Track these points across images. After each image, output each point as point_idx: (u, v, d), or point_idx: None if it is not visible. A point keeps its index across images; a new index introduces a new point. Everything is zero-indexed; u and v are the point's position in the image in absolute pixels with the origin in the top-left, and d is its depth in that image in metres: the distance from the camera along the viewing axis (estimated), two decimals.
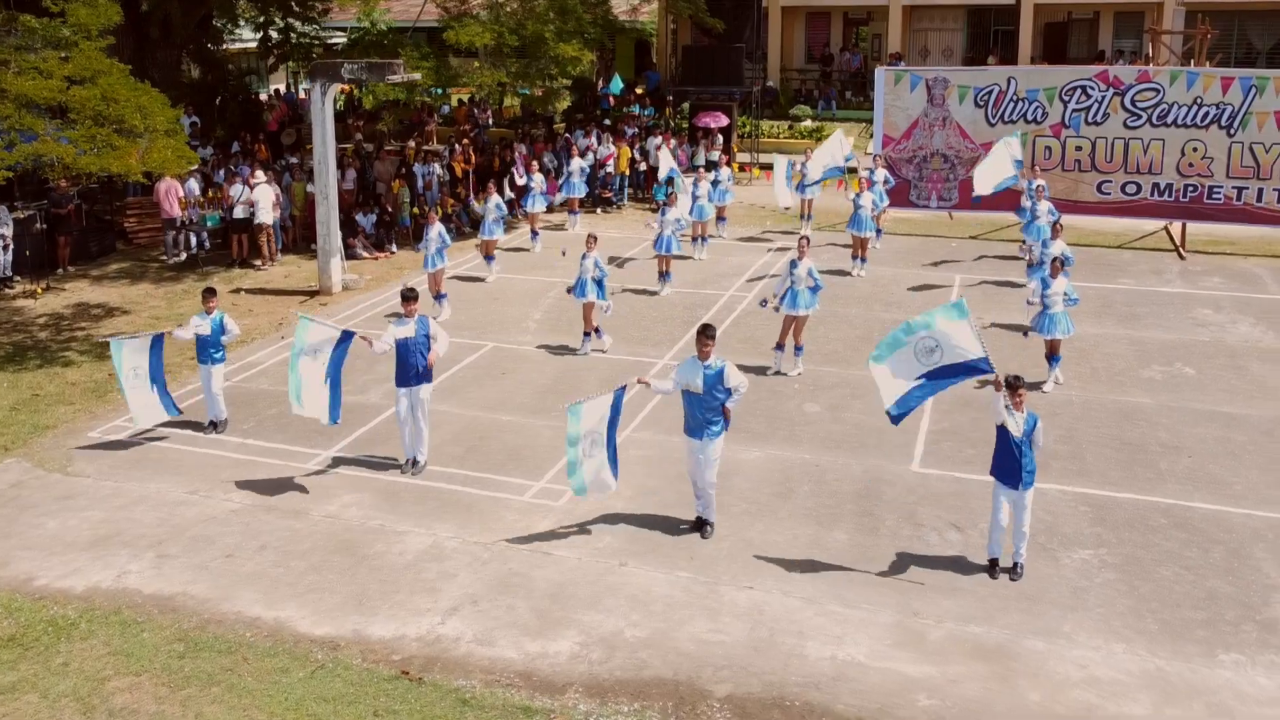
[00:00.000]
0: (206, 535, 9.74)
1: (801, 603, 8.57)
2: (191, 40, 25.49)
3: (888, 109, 21.06)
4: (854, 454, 11.34)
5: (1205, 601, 8.53)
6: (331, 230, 17.79)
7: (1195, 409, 12.52)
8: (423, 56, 21.37)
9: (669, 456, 11.14)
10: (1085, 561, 9.15)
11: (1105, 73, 20.14)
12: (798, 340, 13.73)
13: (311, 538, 9.67)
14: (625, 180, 24.95)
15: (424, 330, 10.71)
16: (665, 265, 17.52)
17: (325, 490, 10.60)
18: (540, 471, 10.96)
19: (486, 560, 9.25)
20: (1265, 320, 15.84)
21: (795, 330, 13.66)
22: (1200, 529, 9.68)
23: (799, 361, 13.79)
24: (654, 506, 10.21)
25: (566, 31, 22.18)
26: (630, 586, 8.83)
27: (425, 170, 22.42)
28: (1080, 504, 10.19)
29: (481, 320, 16.18)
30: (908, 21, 33.14)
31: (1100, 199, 20.24)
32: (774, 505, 10.22)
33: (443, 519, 9.98)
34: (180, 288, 18.34)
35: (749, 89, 28.80)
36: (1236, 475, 10.79)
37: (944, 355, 9.19)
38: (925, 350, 9.22)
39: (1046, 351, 13.27)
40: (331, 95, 17.76)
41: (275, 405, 12.82)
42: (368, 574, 9.06)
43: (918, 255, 19.94)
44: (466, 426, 12.11)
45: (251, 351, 14.93)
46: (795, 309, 13.50)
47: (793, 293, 13.47)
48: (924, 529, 9.75)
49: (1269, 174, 19.22)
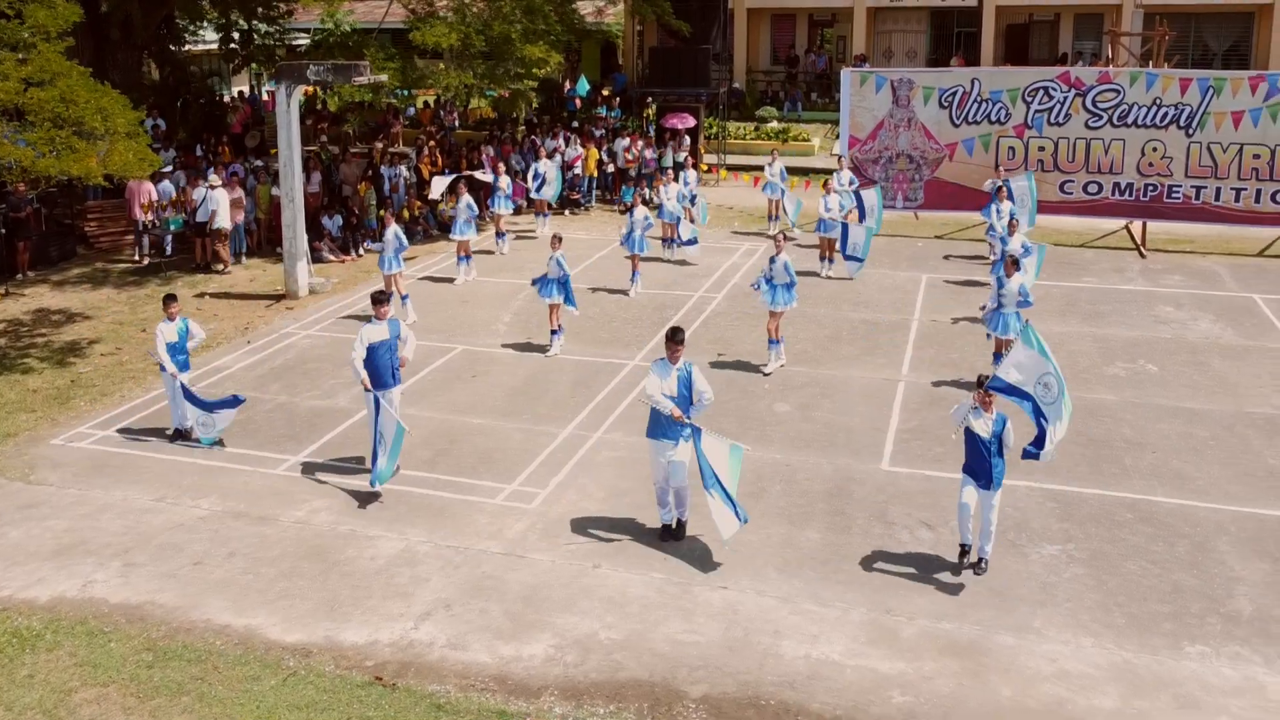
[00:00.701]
0: (174, 543, 9.61)
1: (776, 602, 8.60)
2: (153, 41, 25.14)
3: (853, 110, 21.22)
4: (824, 453, 11.40)
5: (1171, 595, 8.66)
6: (297, 234, 17.62)
7: (1158, 405, 12.71)
8: (388, 58, 21.23)
9: (641, 458, 11.11)
10: (1054, 557, 9.26)
11: (1067, 74, 20.43)
12: (775, 334, 13.92)
13: (281, 544, 9.57)
14: (593, 182, 24.94)
15: (395, 332, 10.65)
16: (635, 264, 17.57)
17: (295, 496, 10.50)
18: (512, 474, 10.93)
19: (459, 564, 9.20)
20: (1224, 317, 16.12)
21: (774, 325, 13.89)
22: (1165, 523, 9.83)
23: (780, 353, 13.98)
24: (627, 508, 10.20)
25: (534, 32, 22.14)
26: (605, 588, 8.82)
27: (392, 172, 22.28)
28: (1048, 500, 10.31)
29: (450, 323, 16.10)
30: (872, 23, 33.39)
31: (1063, 198, 20.51)
32: (747, 505, 10.17)
33: (414, 523, 9.91)
34: (143, 292, 18.09)
35: (715, 90, 28.90)
36: (1200, 470, 10.97)
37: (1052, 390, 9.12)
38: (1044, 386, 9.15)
39: (996, 349, 13.37)
40: (297, 97, 17.59)
41: (241, 411, 12.64)
42: (339, 580, 8.98)
43: (884, 255, 20.06)
44: (436, 430, 12.04)
45: (217, 357, 14.75)
46: (774, 305, 13.70)
47: (771, 288, 13.65)
48: (895, 527, 9.82)
49: (1226, 173, 19.57)
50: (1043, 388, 9.10)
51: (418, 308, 16.62)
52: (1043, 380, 9.09)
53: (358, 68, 17.16)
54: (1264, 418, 12.28)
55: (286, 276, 17.76)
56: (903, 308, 16.75)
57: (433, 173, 21.97)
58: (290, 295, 17.59)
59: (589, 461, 11.24)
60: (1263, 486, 10.57)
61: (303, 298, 17.58)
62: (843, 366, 14.05)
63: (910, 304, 16.95)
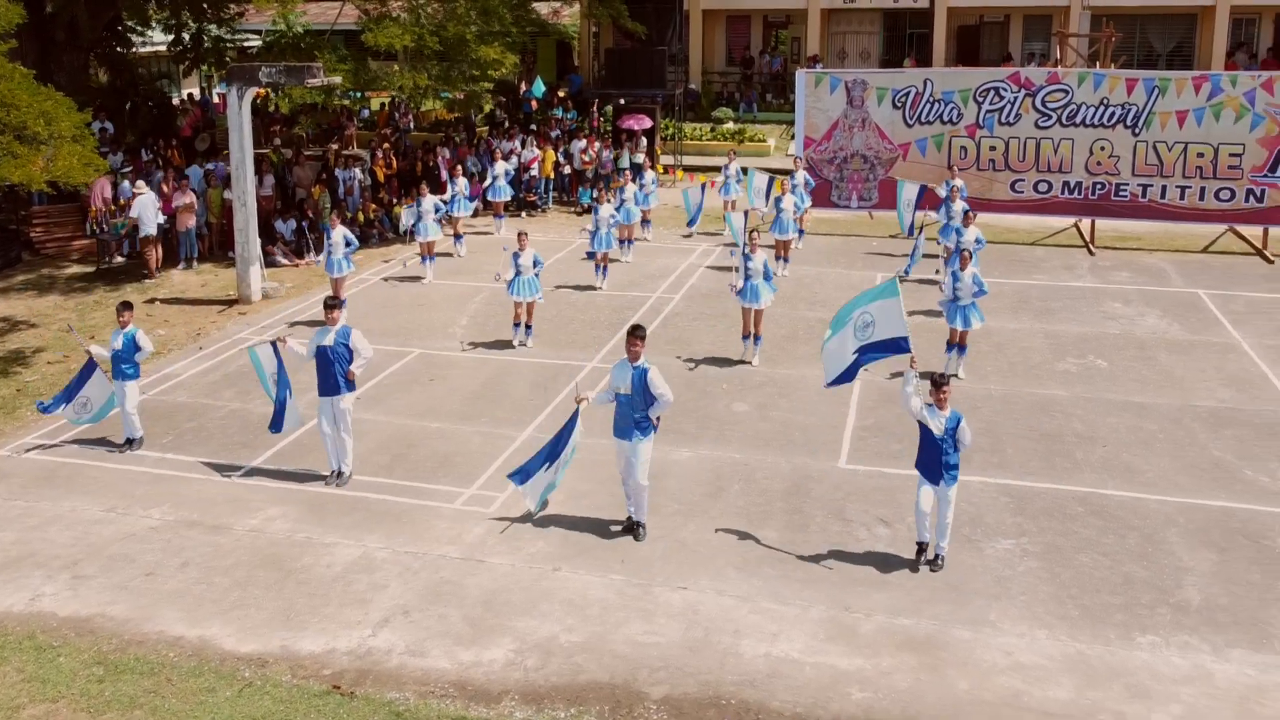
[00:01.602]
0: (125, 554, 9.44)
1: (735, 601, 8.63)
2: (100, 43, 24.70)
3: (808, 111, 21.36)
4: (782, 452, 11.47)
5: (1122, 586, 8.82)
6: (250, 238, 17.40)
7: (1108, 400, 12.93)
8: (341, 59, 21.03)
9: (600, 459, 11.12)
10: (1008, 551, 9.39)
11: (1017, 74, 20.72)
12: (757, 330, 14.11)
13: (235, 553, 9.44)
14: (550, 184, 24.87)
15: (344, 339, 10.52)
16: (603, 260, 17.73)
17: (249, 504, 10.35)
18: (471, 478, 10.86)
19: (417, 570, 9.13)
20: (1171, 313, 16.44)
21: (755, 321, 14.08)
22: (1116, 516, 10.01)
23: (757, 351, 14.16)
24: (586, 510, 10.19)
25: (489, 34, 22.04)
26: (565, 591, 8.80)
27: (346, 175, 22.07)
28: (1001, 495, 10.45)
29: (407, 326, 15.98)
30: (826, 25, 33.66)
31: (1014, 197, 20.80)
32: (705, 505, 10.28)
33: (371, 529, 9.82)
34: (91, 299, 17.77)
35: (672, 91, 28.95)
36: (1148, 463, 11.18)
37: (876, 330, 9.75)
38: (862, 325, 9.80)
39: (951, 339, 13.57)
40: (249, 99, 17.37)
41: (194, 418, 12.49)
42: (295, 588, 8.87)
43: (839, 254, 20.25)
44: (393, 435, 11.94)
45: (169, 363, 14.51)
46: (758, 302, 13.87)
47: (748, 287, 13.81)
48: (853, 524, 9.90)
49: (1171, 172, 19.95)
50: (861, 327, 9.78)
51: (373, 312, 16.50)
52: (860, 320, 9.76)
53: (310, 69, 17.00)
54: (1208, 411, 12.54)
55: (239, 281, 17.53)
56: None
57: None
58: (243, 300, 17.36)
59: None
60: (1208, 478, 10.80)
61: (256, 302, 17.35)
62: (799, 365, 14.14)
63: None
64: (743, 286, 13.88)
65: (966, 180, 19.74)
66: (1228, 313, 16.38)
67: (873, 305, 9.78)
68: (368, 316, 16.15)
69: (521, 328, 14.88)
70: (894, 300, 9.67)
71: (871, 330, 9.76)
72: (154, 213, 18.62)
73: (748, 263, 13.87)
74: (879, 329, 9.72)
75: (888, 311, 9.70)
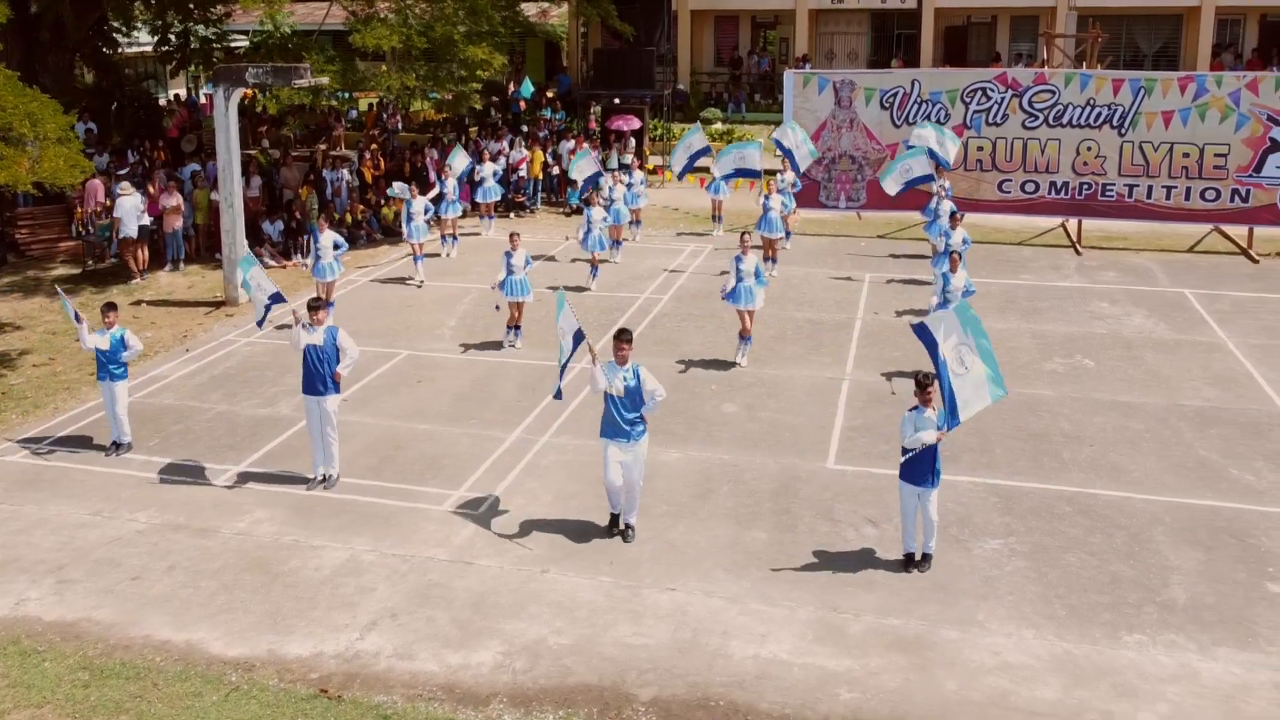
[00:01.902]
0: (111, 558, 9.39)
1: (724, 602, 8.64)
2: (85, 44, 24.56)
3: (796, 111, 21.37)
4: (771, 453, 11.48)
5: (1109, 585, 8.85)
6: (237, 240, 17.32)
7: (1095, 399, 12.98)
8: (328, 60, 20.96)
9: (588, 461, 11.12)
10: (996, 551, 9.41)
11: (1004, 75, 20.79)
12: (747, 331, 14.15)
13: (222, 556, 9.40)
14: (538, 185, 24.84)
15: (332, 340, 10.49)
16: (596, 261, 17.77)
17: (236, 507, 10.31)
18: (459, 480, 10.84)
19: (405, 572, 9.11)
20: (1157, 312, 16.51)
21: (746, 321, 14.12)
22: (1103, 515, 10.04)
23: (745, 352, 14.20)
24: (574, 511, 10.18)
25: (477, 34, 21.99)
26: (553, 593, 8.79)
27: (334, 176, 22.00)
28: (990, 495, 10.48)
29: (395, 328, 15.94)
30: (814, 25, 33.71)
31: (1001, 197, 20.87)
32: (694, 506, 10.28)
33: (359, 532, 9.79)
34: (76, 300, 17.63)
35: (660, 92, 28.96)
36: (1135, 462, 11.23)
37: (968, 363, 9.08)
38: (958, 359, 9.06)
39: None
40: (235, 100, 17.29)
41: (181, 420, 12.44)
42: (282, 591, 8.84)
43: (827, 255, 20.28)
44: (381, 437, 11.91)
45: (155, 365, 14.44)
46: (752, 304, 13.95)
47: (741, 289, 13.87)
48: (841, 525, 9.92)
49: (1158, 172, 20.05)
50: (956, 360, 8.96)
51: (361, 313, 16.46)
52: (959, 349, 8.96)
53: (298, 70, 16.93)
54: (1194, 410, 12.60)
55: (226, 283, 17.45)
56: (846, 307, 16.92)
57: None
58: (230, 302, 17.29)
59: (537, 465, 11.20)
60: (1194, 477, 10.85)
61: (243, 304, 17.25)
62: (788, 366, 14.16)
63: (854, 303, 17.13)
64: (734, 288, 13.89)
65: (953, 181, 19.78)
66: (1213, 312, 16.46)
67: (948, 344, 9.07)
68: (355, 318, 16.11)
69: (514, 330, 14.86)
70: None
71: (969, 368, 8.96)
72: (135, 215, 18.45)
73: (739, 264, 13.89)
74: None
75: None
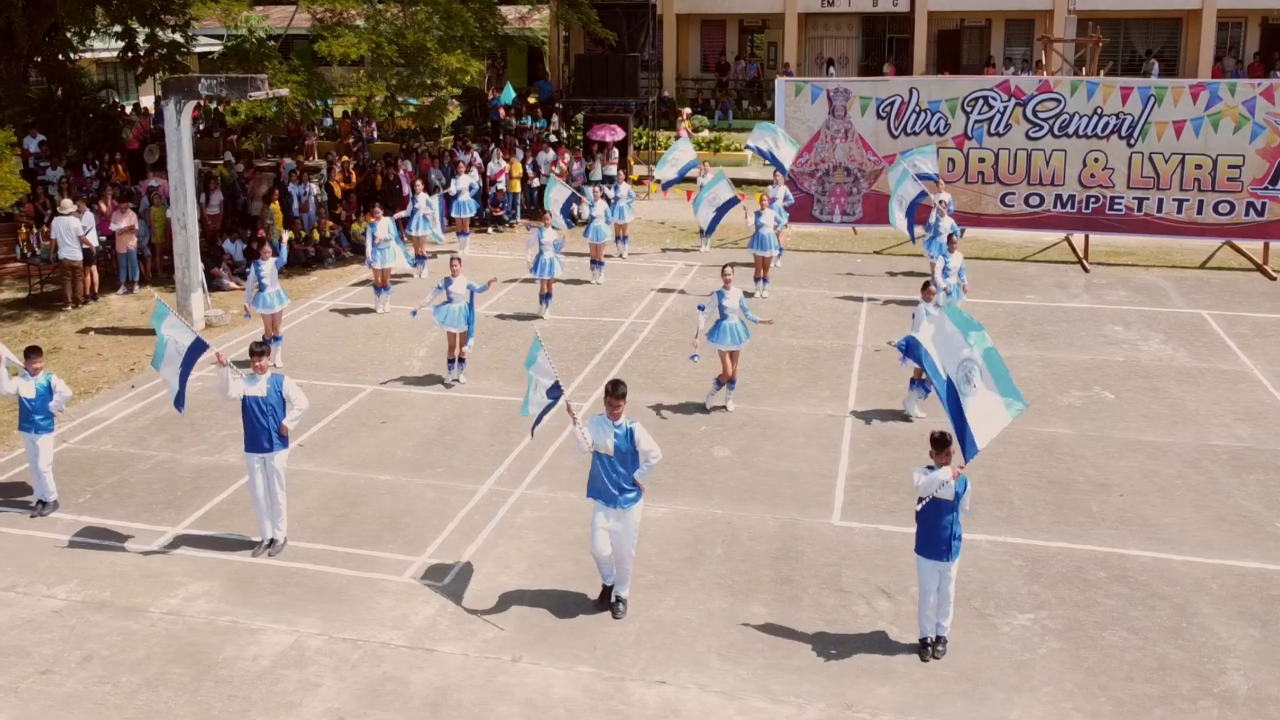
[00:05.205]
0: (19, 645, 8.22)
1: (720, 698, 7.53)
2: (39, 51, 23.31)
3: (788, 121, 20.33)
4: (769, 506, 10.38)
5: (1157, 672, 7.79)
6: (190, 262, 16.15)
7: (1117, 438, 11.95)
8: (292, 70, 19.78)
9: (567, 518, 10.01)
10: (1025, 629, 8.34)
11: (1007, 83, 19.79)
12: (732, 374, 12.74)
13: (148, 642, 8.23)
14: (517, 199, 23.68)
15: (277, 389, 9.34)
16: (547, 287, 16.46)
17: (169, 579, 9.14)
18: (422, 544, 9.70)
19: (355, 662, 7.97)
20: (1175, 337, 15.52)
21: (731, 364, 12.71)
22: (1141, 582, 8.99)
23: (731, 395, 12.80)
24: (550, 580, 9.06)
25: (452, 40, 20.85)
26: (524, 688, 7.67)
27: (301, 190, 20.82)
28: (1013, 557, 9.41)
29: (359, 359, 14.77)
30: (803, 29, 32.70)
31: (1004, 211, 19.86)
32: (684, 574, 9.18)
33: (305, 610, 8.65)
34: (20, 328, 16.44)
35: (645, 100, 27.89)
36: (1169, 515, 10.18)
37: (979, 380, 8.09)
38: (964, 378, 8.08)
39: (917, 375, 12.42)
40: (188, 113, 16.11)
41: (117, 471, 11.27)
42: (212, 689, 7.68)
43: (821, 273, 19.24)
44: (336, 490, 10.76)
45: (96, 405, 13.25)
46: (739, 343, 12.61)
47: (725, 327, 12.55)
48: (850, 596, 8.83)
49: (1168, 184, 19.09)
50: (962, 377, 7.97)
51: (323, 343, 15.33)
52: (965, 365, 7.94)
53: (253, 81, 15.77)
54: (1228, 451, 11.59)
55: (179, 309, 16.23)
56: (844, 332, 15.85)
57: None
58: None
59: (509, 524, 10.07)
60: (1237, 533, 9.81)
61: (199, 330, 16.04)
62: (783, 401, 13.08)
63: (852, 328, 16.06)
64: (717, 323, 12.62)
65: (954, 194, 18.80)
66: (1234, 335, 15.48)
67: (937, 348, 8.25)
68: (317, 349, 14.96)
69: (456, 363, 13.62)
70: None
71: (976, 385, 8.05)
72: (75, 235, 16.89)
73: (722, 300, 12.55)
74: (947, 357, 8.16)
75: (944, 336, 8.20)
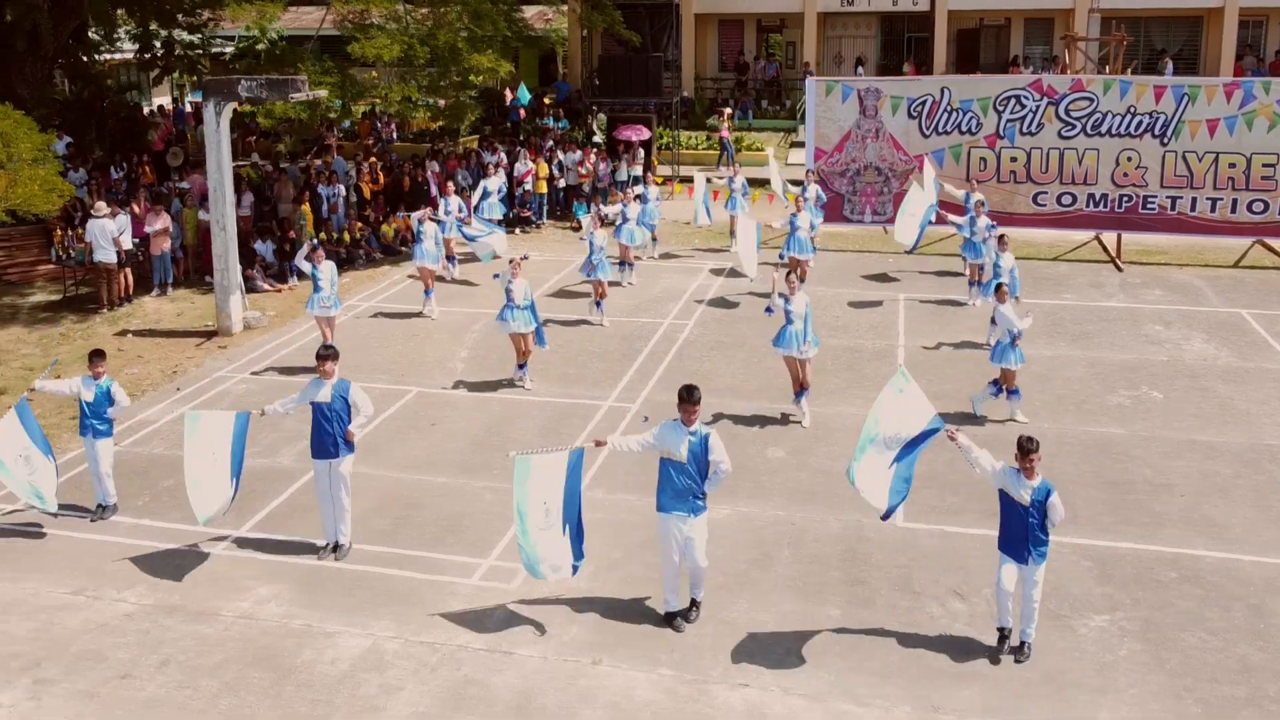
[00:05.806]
0: (95, 649, 8.20)
1: (805, 701, 7.51)
2: (64, 53, 23.29)
3: (819, 121, 20.30)
4: (830, 508, 10.35)
5: (1240, 674, 7.77)
6: (229, 265, 16.11)
7: (1171, 438, 11.91)
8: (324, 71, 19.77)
9: (630, 521, 9.99)
10: (1103, 630, 8.31)
11: (1039, 82, 19.73)
12: (804, 381, 12.42)
13: (224, 646, 8.21)
14: (544, 199, 23.63)
15: (342, 394, 9.31)
16: (600, 291, 16.37)
17: (236, 582, 9.12)
18: (486, 545, 9.68)
19: (435, 665, 7.95)
20: (1216, 336, 15.48)
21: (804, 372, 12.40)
22: (1213, 583, 8.96)
23: (799, 403, 12.50)
24: (620, 584, 9.04)
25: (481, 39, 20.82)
26: (607, 690, 7.65)
27: (330, 192, 20.79)
28: (1082, 558, 9.38)
29: (400, 362, 14.74)
30: (822, 29, 32.63)
31: (1036, 210, 19.82)
32: (754, 576, 9.15)
33: (378, 613, 8.62)
34: (57, 330, 16.42)
35: (668, 100, 27.86)
36: (1233, 515, 10.15)
37: (905, 430, 8.25)
38: (891, 438, 8.24)
39: (1005, 382, 12.45)
40: (227, 115, 16.07)
41: (172, 474, 11.21)
42: (295, 692, 7.66)
43: (854, 272, 19.20)
44: (392, 493, 10.73)
45: (143, 407, 13.22)
46: (799, 350, 12.23)
47: (790, 333, 12.23)
48: (923, 598, 8.80)
49: (1202, 183, 19.04)
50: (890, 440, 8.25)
51: (362, 345, 15.30)
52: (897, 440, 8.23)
53: (294, 83, 15.74)
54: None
55: (219, 312, 16.20)
56: (885, 332, 15.82)
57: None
58: (223, 332, 16.04)
59: None
60: None
61: (236, 334, 16.07)
62: (831, 402, 13.04)
63: (891, 328, 16.02)
64: (780, 331, 12.34)
65: (986, 194, 18.70)
66: (1277, 335, 15.44)
67: (891, 413, 8.31)
68: (357, 351, 14.92)
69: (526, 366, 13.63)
70: (909, 391, 8.31)
71: (905, 433, 8.26)
72: (109, 238, 16.78)
73: (787, 306, 12.25)
74: (907, 427, 8.26)
75: (908, 406, 8.29)
